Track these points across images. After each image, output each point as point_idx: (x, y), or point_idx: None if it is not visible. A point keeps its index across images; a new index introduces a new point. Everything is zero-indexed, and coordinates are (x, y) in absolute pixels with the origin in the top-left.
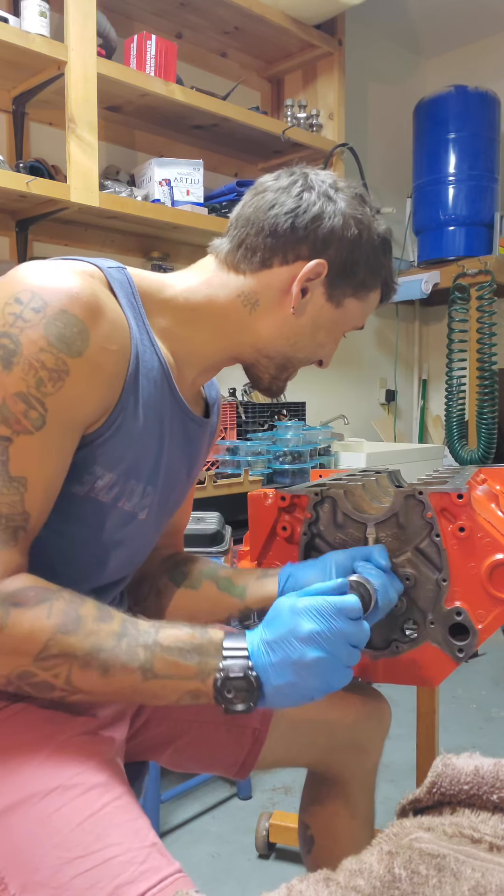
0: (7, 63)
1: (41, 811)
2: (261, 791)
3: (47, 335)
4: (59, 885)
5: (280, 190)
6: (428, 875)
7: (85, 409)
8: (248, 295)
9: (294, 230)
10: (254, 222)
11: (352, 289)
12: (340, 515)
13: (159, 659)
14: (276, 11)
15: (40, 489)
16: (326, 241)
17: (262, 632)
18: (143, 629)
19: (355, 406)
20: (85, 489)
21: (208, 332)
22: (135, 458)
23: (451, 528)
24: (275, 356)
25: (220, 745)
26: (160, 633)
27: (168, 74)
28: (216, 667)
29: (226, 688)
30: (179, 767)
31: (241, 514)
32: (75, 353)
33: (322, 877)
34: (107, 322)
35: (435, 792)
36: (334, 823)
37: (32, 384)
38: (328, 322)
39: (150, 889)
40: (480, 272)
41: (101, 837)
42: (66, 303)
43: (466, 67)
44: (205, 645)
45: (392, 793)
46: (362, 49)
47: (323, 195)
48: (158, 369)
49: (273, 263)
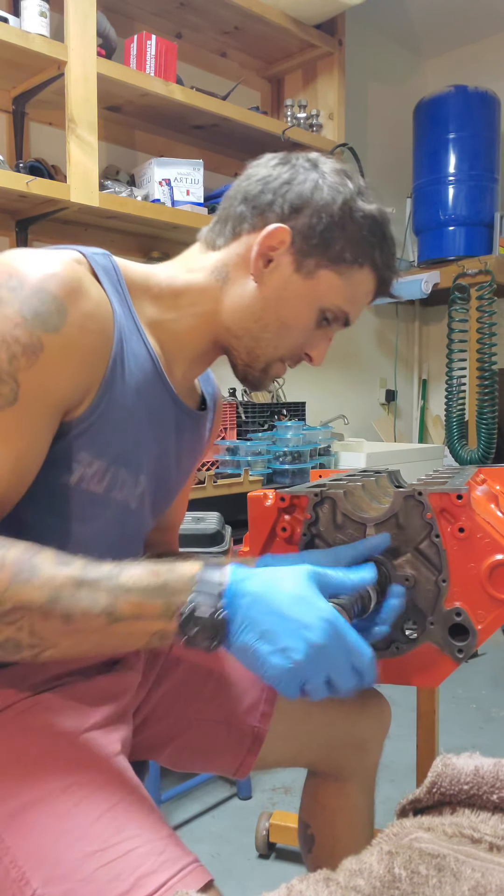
0: (7, 63)
1: (59, 807)
2: (261, 791)
3: (22, 311)
4: (82, 877)
5: (259, 164)
6: (428, 875)
7: (61, 387)
8: (220, 268)
9: (262, 194)
10: (230, 196)
11: (327, 260)
12: (340, 516)
13: (123, 600)
14: (276, 11)
15: (9, 466)
16: (295, 206)
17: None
18: (105, 572)
19: (355, 406)
20: (75, 479)
21: (192, 318)
22: (122, 445)
23: (451, 529)
24: (242, 335)
25: (219, 744)
26: (123, 573)
27: (168, 74)
28: (183, 603)
29: (188, 622)
30: (179, 767)
31: (241, 514)
32: (51, 328)
33: (322, 877)
34: (88, 302)
35: (435, 792)
36: (334, 823)
37: (5, 359)
38: (297, 297)
39: (170, 878)
40: (480, 272)
41: (120, 830)
42: (44, 280)
43: (466, 67)
44: (171, 582)
45: (392, 793)
46: (362, 49)
47: (299, 166)
48: (146, 356)
49: (242, 231)
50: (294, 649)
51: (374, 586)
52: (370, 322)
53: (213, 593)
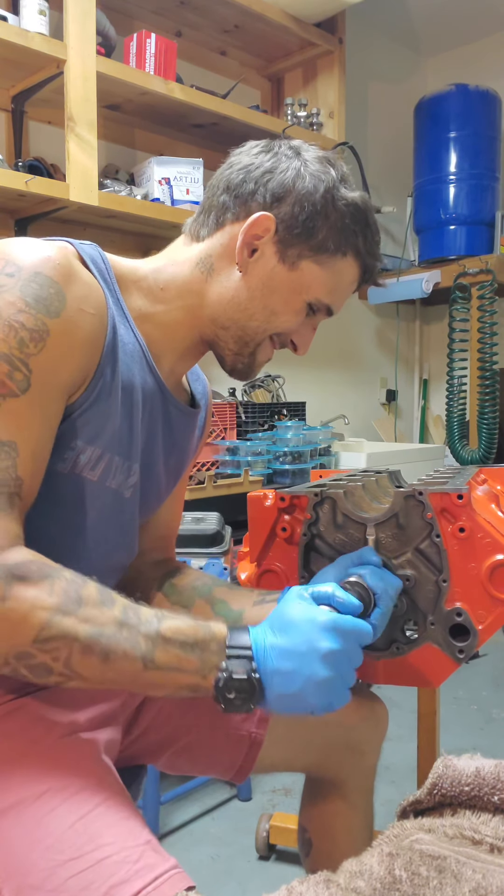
0: (6, 61)
1: (32, 815)
2: (261, 793)
3: (23, 296)
4: (53, 887)
5: (241, 153)
6: (429, 877)
7: (67, 372)
8: (205, 260)
9: (244, 184)
10: (213, 185)
11: (309, 249)
12: (340, 516)
13: (161, 650)
14: (276, 10)
15: (30, 455)
16: (277, 195)
17: (271, 635)
18: (146, 618)
19: (355, 406)
20: (68, 466)
21: (178, 311)
22: (114, 433)
23: (452, 529)
24: (229, 325)
25: (217, 749)
26: (163, 623)
27: (168, 73)
28: (217, 664)
29: (227, 688)
30: (176, 771)
31: (241, 515)
32: (53, 313)
33: (322, 878)
34: (81, 285)
35: (436, 793)
36: (332, 826)
37: (14, 345)
38: (282, 287)
39: (144, 888)
40: (481, 271)
41: (94, 838)
42: (39, 265)
43: (467, 66)
44: (207, 640)
45: (392, 794)
46: (363, 48)
47: (281, 154)
48: (135, 346)
49: (226, 221)
50: (315, 672)
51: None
52: (370, 322)
53: (246, 657)
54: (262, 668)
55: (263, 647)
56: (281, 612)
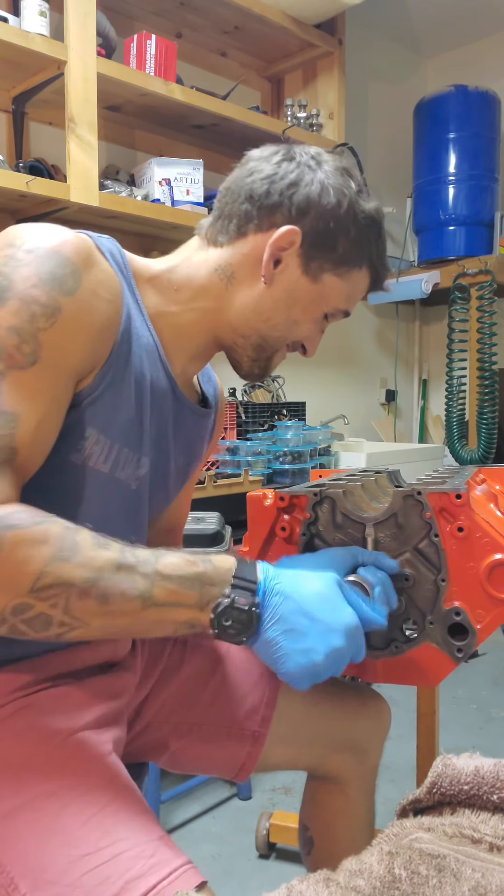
0: (7, 62)
1: (47, 811)
2: (261, 791)
3: (39, 272)
4: (69, 882)
5: (261, 159)
6: (428, 875)
7: (77, 353)
8: (225, 267)
9: (269, 195)
10: (232, 190)
11: (330, 263)
12: (339, 516)
13: (159, 587)
14: (276, 11)
15: (31, 428)
16: (302, 208)
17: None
18: (143, 557)
19: (355, 406)
20: (82, 457)
21: (192, 312)
22: (125, 423)
23: (450, 529)
24: (250, 335)
25: (219, 747)
26: (160, 560)
27: (168, 74)
28: (216, 596)
29: (225, 615)
30: (178, 769)
31: (241, 514)
32: (66, 292)
33: (322, 877)
34: (98, 270)
35: (435, 792)
36: (333, 825)
37: (26, 318)
38: (304, 298)
39: (160, 882)
40: (481, 272)
41: (109, 833)
42: (59, 245)
43: (467, 67)
44: (208, 573)
45: (392, 793)
46: (362, 49)
47: (304, 164)
48: (149, 340)
49: (248, 231)
50: (316, 650)
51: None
52: (370, 322)
53: (250, 589)
54: (269, 609)
55: (274, 589)
56: (315, 580)
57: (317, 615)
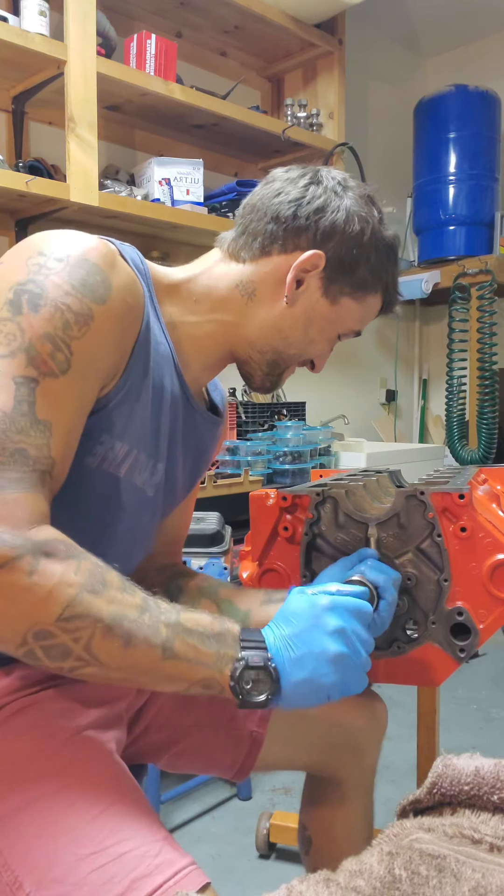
0: (6, 62)
1: (52, 809)
2: (261, 791)
3: (71, 280)
4: (75, 881)
5: (288, 181)
6: (428, 876)
7: (105, 359)
8: (246, 284)
9: (296, 219)
10: (258, 209)
11: (349, 287)
12: (342, 515)
13: (180, 640)
14: (276, 11)
15: (63, 436)
16: (327, 234)
17: (279, 628)
18: (165, 608)
19: (355, 406)
20: (97, 460)
21: (210, 324)
22: (142, 429)
23: (453, 528)
24: (266, 351)
25: (218, 748)
26: (182, 614)
27: (168, 74)
28: (233, 656)
29: (244, 678)
30: (177, 770)
31: (241, 514)
32: (99, 300)
33: (322, 877)
34: (125, 276)
35: (435, 792)
36: (332, 824)
37: (59, 326)
38: (322, 319)
39: (165, 882)
40: (481, 272)
41: (115, 832)
42: (87, 252)
43: (467, 67)
44: (224, 634)
45: (392, 793)
46: (362, 48)
47: (330, 190)
48: (166, 347)
49: (272, 251)
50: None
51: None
52: (370, 322)
53: (260, 647)
54: (276, 659)
55: (275, 639)
56: (285, 608)
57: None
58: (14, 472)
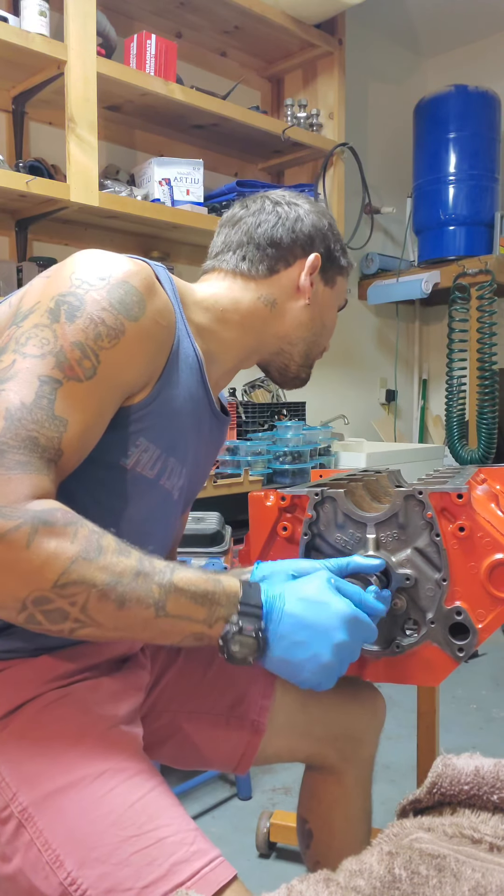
0: (7, 62)
1: (94, 792)
2: (261, 791)
3: (110, 298)
4: (118, 861)
5: (255, 212)
6: (428, 875)
7: (131, 372)
8: (266, 297)
9: (285, 236)
10: (248, 242)
11: (336, 268)
12: (341, 515)
13: (173, 599)
14: (277, 11)
15: (77, 435)
16: (311, 237)
17: (290, 602)
18: (159, 568)
19: (355, 406)
20: (131, 462)
21: (236, 331)
22: (173, 435)
23: (451, 528)
24: (297, 342)
25: (219, 738)
26: (175, 573)
27: (168, 74)
28: (223, 616)
29: (233, 641)
30: (180, 763)
31: (241, 514)
32: (132, 317)
33: (322, 877)
34: (159, 299)
35: (435, 792)
36: (331, 816)
37: (91, 336)
38: (329, 303)
39: (202, 868)
40: (481, 272)
41: (153, 818)
42: (128, 275)
43: (467, 67)
44: (217, 593)
45: (392, 793)
46: (362, 49)
47: (288, 204)
48: (193, 358)
49: (279, 269)
50: (321, 653)
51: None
52: (370, 322)
53: (255, 615)
54: (271, 630)
55: (279, 611)
56: (306, 588)
57: (312, 620)
58: (22, 456)
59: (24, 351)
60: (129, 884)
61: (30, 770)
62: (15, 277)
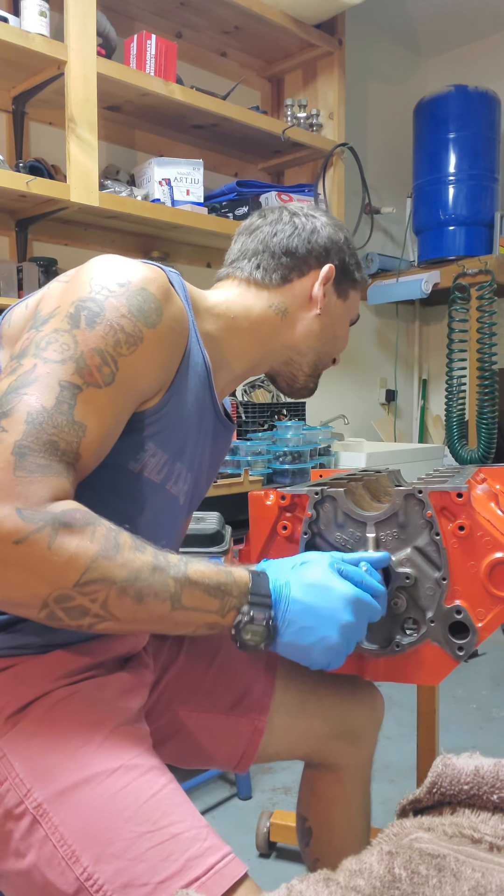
0: (7, 63)
1: (109, 788)
2: (261, 791)
3: (129, 305)
4: (133, 856)
5: (272, 222)
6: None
7: (148, 378)
8: (278, 305)
9: (301, 246)
10: (264, 251)
11: (350, 282)
12: (341, 515)
13: (188, 592)
14: (276, 11)
15: (95, 440)
16: (326, 248)
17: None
18: (173, 562)
19: (355, 406)
20: (139, 466)
21: (246, 339)
22: (181, 441)
23: (451, 527)
24: (307, 352)
25: (220, 736)
26: (189, 567)
27: (168, 74)
28: (235, 606)
29: (245, 630)
30: (181, 762)
31: (241, 514)
32: (150, 324)
33: (322, 877)
34: (175, 306)
35: (435, 792)
36: (331, 814)
37: (111, 343)
38: (341, 315)
39: (216, 863)
40: (480, 272)
41: (167, 814)
42: (147, 282)
43: (467, 67)
44: (229, 584)
45: (392, 793)
46: (362, 49)
47: (306, 216)
48: (202, 365)
49: (293, 278)
50: (329, 635)
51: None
52: (370, 322)
53: (265, 604)
54: (280, 618)
55: (286, 599)
56: (310, 574)
57: (318, 605)
58: (43, 459)
59: (44, 356)
60: (145, 879)
61: (44, 766)
62: (15, 277)
